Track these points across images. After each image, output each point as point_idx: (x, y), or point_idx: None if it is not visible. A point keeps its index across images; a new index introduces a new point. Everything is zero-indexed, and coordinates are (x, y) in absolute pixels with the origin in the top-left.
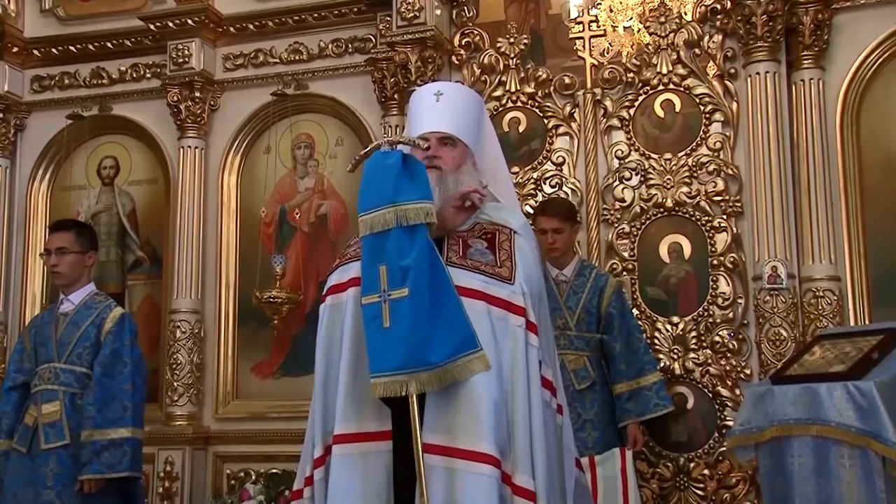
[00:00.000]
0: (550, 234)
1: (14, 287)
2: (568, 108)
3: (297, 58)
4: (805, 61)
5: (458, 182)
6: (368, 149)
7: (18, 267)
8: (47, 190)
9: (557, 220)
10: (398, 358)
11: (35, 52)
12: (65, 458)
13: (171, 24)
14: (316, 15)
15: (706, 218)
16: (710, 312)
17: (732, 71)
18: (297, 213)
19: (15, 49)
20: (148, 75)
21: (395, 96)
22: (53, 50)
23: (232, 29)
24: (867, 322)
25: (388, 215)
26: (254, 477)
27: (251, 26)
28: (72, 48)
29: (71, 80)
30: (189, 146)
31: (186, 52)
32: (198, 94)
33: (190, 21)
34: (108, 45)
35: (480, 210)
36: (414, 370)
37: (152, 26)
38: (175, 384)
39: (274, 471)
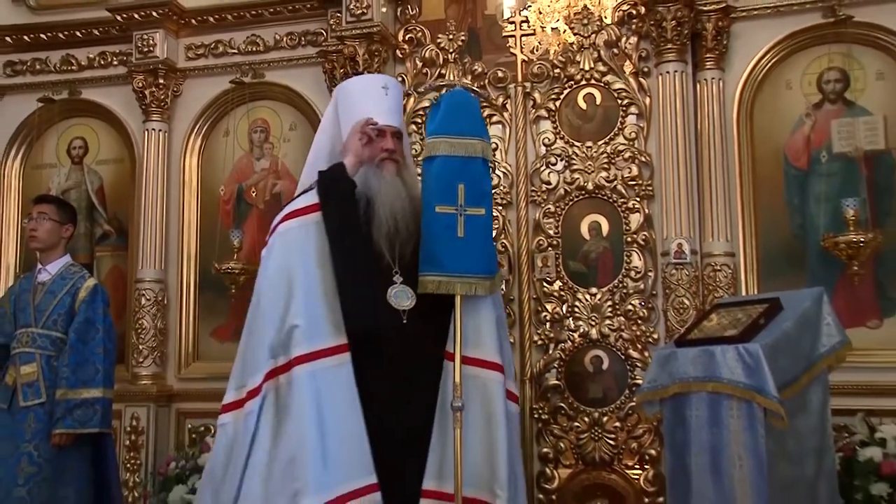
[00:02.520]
0: None
1: None
2: (501, 99)
3: (254, 49)
4: (708, 63)
5: (410, 172)
6: (445, 83)
7: None
8: (20, 168)
9: None
10: (478, 265)
11: (7, 38)
12: (42, 415)
13: (136, 16)
14: (272, 10)
15: (622, 200)
16: (624, 284)
17: (646, 69)
18: (253, 192)
19: None
20: (115, 63)
21: None
22: (25, 37)
23: (194, 21)
24: (756, 292)
25: (479, 146)
26: (213, 431)
27: (211, 19)
28: (43, 36)
29: (42, 65)
30: (153, 129)
31: (151, 41)
32: (161, 81)
33: (154, 13)
34: (77, 33)
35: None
36: (486, 276)
37: (119, 17)
38: (140, 347)
39: None
